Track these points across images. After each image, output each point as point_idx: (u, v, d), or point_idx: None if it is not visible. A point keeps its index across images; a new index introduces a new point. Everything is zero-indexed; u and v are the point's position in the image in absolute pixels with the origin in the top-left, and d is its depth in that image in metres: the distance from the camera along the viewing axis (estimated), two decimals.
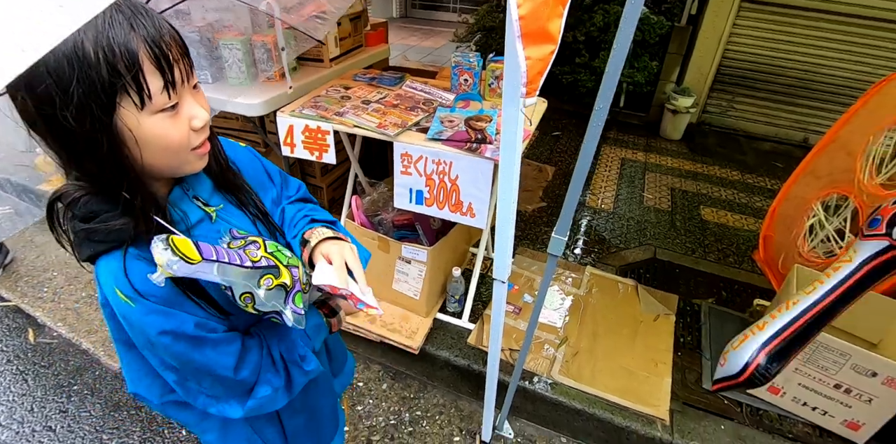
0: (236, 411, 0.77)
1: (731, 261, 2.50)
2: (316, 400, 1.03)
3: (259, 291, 0.68)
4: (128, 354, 0.81)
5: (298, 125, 1.70)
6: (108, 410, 1.84)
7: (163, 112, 0.61)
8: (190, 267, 0.61)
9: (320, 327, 0.86)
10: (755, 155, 3.59)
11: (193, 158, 0.68)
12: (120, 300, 0.65)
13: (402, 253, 1.83)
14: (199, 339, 0.69)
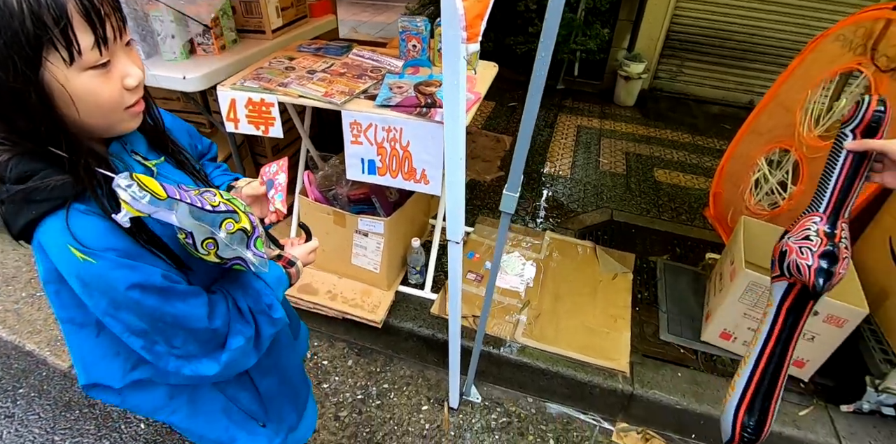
0: (212, 367, 0.76)
1: (683, 219, 2.58)
2: (284, 359, 1.03)
3: (221, 234, 0.68)
4: (79, 335, 0.78)
5: (241, 99, 1.63)
6: (58, 411, 1.76)
7: (94, 69, 0.59)
8: (157, 203, 0.60)
9: (281, 278, 0.86)
10: (704, 118, 3.69)
11: (127, 117, 0.67)
12: (77, 260, 0.62)
13: (359, 226, 1.81)
14: (169, 290, 0.68)
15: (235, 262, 0.72)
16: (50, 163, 0.61)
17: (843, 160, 0.82)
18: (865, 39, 1.92)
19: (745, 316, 1.73)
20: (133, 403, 0.87)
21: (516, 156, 1.07)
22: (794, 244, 0.85)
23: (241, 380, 0.95)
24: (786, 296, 0.89)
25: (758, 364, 0.93)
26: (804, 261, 0.82)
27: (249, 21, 2.00)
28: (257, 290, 0.81)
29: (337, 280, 2.01)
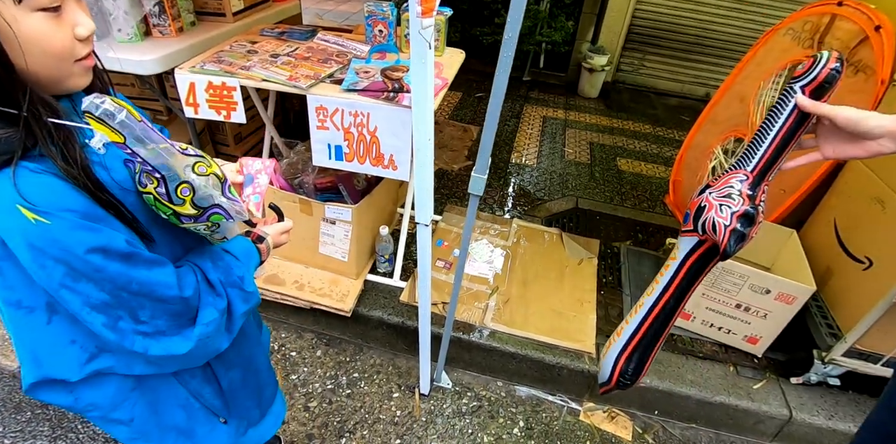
0: (184, 345, 0.71)
1: (645, 206, 2.66)
2: (248, 350, 0.99)
3: (195, 178, 0.65)
4: (27, 321, 0.70)
5: (200, 82, 1.57)
6: (7, 413, 1.66)
7: (44, 12, 0.56)
8: (133, 122, 0.57)
9: (250, 252, 0.82)
10: (664, 110, 3.80)
11: (78, 70, 0.63)
12: (27, 222, 0.56)
13: (326, 214, 1.78)
14: (133, 255, 0.63)
15: (213, 211, 0.68)
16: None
17: (786, 119, 0.77)
18: (813, 33, 2.02)
19: (703, 296, 1.80)
20: (89, 400, 0.80)
21: (484, 138, 1.08)
22: (714, 201, 0.81)
23: (205, 373, 0.90)
24: (692, 252, 0.87)
25: (648, 316, 0.92)
26: (722, 220, 0.79)
27: (208, 3, 1.94)
28: (227, 262, 0.77)
29: (304, 270, 1.98)
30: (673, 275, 0.89)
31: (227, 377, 0.93)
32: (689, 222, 0.85)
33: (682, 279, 0.88)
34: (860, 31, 1.76)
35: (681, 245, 0.88)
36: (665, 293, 0.90)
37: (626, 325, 0.96)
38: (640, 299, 0.97)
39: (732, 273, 1.71)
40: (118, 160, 0.67)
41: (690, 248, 0.86)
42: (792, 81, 0.77)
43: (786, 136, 0.78)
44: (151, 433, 0.87)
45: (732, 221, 0.78)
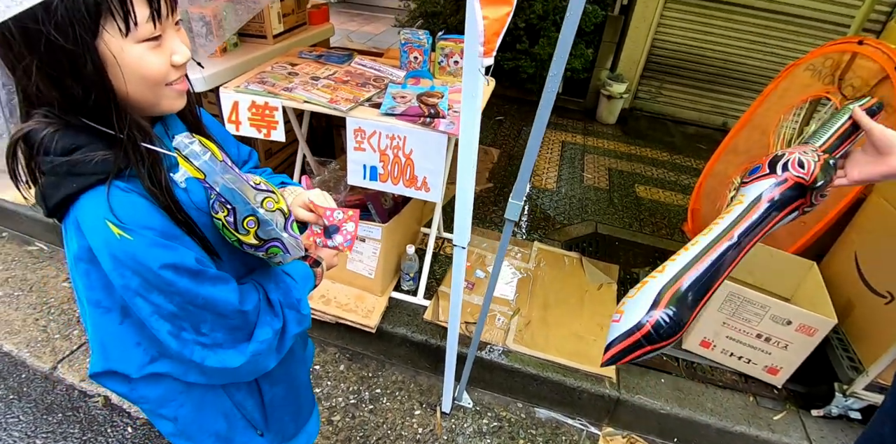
0: (237, 358, 0.75)
1: (663, 233, 2.69)
2: (294, 369, 1.03)
3: (262, 212, 0.69)
4: (103, 319, 0.75)
5: (244, 101, 1.65)
6: (39, 413, 1.71)
7: (147, 42, 0.61)
8: (214, 164, 0.63)
9: (308, 276, 0.87)
10: (682, 138, 3.85)
11: (171, 94, 0.68)
12: (113, 236, 0.62)
13: None
14: (201, 273, 0.68)
15: (273, 244, 0.73)
16: (95, 137, 0.63)
17: (845, 120, 0.86)
18: (833, 70, 2.08)
19: (724, 325, 1.81)
20: (142, 392, 0.84)
21: (524, 166, 1.13)
22: (794, 150, 0.82)
23: (249, 386, 0.94)
24: (763, 195, 0.81)
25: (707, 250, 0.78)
26: (810, 157, 0.79)
27: (251, 25, 2.03)
28: (287, 284, 0.82)
29: (331, 285, 2.02)
30: (742, 212, 0.80)
31: (271, 392, 0.96)
32: (758, 172, 0.83)
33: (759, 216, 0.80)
34: (880, 70, 1.81)
35: (748, 192, 0.83)
36: (733, 228, 0.79)
37: (672, 262, 0.80)
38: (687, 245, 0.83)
39: (754, 303, 1.72)
40: (198, 183, 0.73)
41: (762, 190, 0.81)
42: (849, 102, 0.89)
43: (845, 132, 0.85)
44: (193, 433, 0.91)
45: (820, 158, 0.79)
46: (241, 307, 0.73)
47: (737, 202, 0.82)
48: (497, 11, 0.79)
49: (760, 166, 0.83)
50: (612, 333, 0.77)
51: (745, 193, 0.82)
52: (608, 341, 0.78)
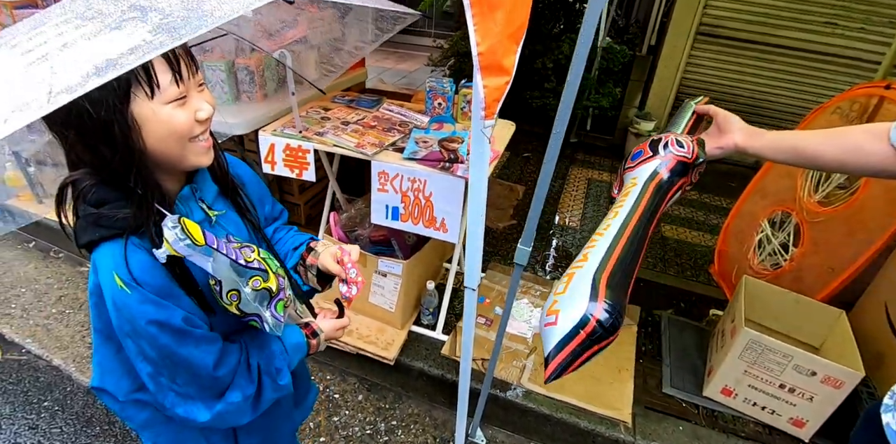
0: (203, 414, 0.79)
1: (688, 274, 2.65)
2: (275, 422, 1.05)
3: (246, 289, 0.75)
4: (104, 346, 0.84)
5: (279, 144, 1.78)
6: (80, 425, 1.83)
7: (173, 102, 0.69)
8: (193, 248, 0.68)
9: (300, 346, 0.91)
10: (712, 176, 3.82)
11: (197, 149, 0.75)
12: (116, 286, 0.70)
13: (379, 267, 1.91)
14: (184, 333, 0.74)
15: (252, 318, 0.78)
16: (124, 195, 0.71)
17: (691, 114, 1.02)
18: (861, 113, 2.07)
19: (745, 373, 1.77)
20: (129, 414, 0.91)
21: (531, 214, 1.18)
22: (669, 135, 0.91)
23: (226, 432, 0.98)
24: (655, 174, 0.86)
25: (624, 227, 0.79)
26: (683, 139, 0.89)
27: None
28: (273, 351, 0.86)
29: (353, 316, 2.09)
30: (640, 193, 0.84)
31: (247, 441, 1.00)
32: (641, 156, 0.90)
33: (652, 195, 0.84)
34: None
35: (639, 175, 0.88)
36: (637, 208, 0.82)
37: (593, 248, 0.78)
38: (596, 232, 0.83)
39: (775, 352, 1.68)
40: None
41: (653, 169, 0.87)
42: None
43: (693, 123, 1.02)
44: None
45: (692, 138, 0.91)
46: (214, 373, 0.78)
47: (631, 185, 0.87)
48: (497, 81, 0.87)
49: (642, 151, 0.90)
50: (550, 339, 0.69)
51: (637, 176, 0.89)
52: (548, 351, 0.70)
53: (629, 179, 0.90)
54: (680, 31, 3.62)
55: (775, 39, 3.51)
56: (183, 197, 0.79)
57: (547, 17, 3.68)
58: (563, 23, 3.77)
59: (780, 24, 3.46)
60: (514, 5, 0.81)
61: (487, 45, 0.83)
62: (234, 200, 0.90)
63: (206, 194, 0.84)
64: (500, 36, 0.84)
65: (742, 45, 3.61)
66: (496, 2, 0.79)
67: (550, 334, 0.68)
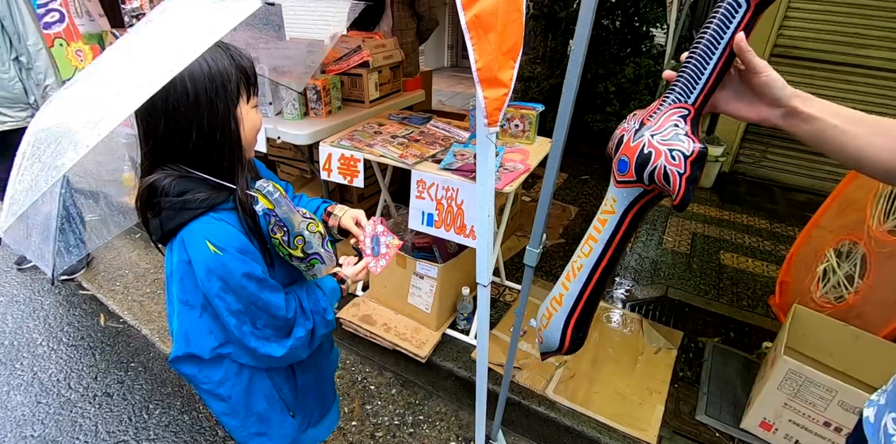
0: (279, 350, 0.99)
1: (744, 304, 2.52)
2: (322, 362, 1.26)
3: (307, 234, 0.95)
4: (188, 314, 1.01)
5: (336, 154, 2.01)
6: (156, 385, 2.16)
7: (254, 108, 0.95)
8: (280, 200, 0.90)
9: (335, 290, 1.11)
10: (788, 205, 3.60)
11: (255, 142, 0.99)
12: (209, 252, 0.87)
13: (417, 269, 2.05)
14: (263, 281, 0.93)
15: (314, 257, 0.97)
16: (198, 184, 0.89)
17: (727, 42, 0.67)
18: None
19: (785, 406, 1.67)
20: (207, 373, 1.08)
21: (537, 216, 1.26)
22: (660, 146, 0.70)
23: (287, 372, 1.17)
24: (633, 204, 0.78)
25: (591, 279, 0.85)
26: (675, 168, 0.68)
27: (353, 92, 2.46)
28: (317, 296, 1.06)
29: (393, 315, 2.24)
30: (614, 230, 0.82)
31: (303, 378, 1.20)
32: (628, 171, 0.75)
33: (625, 232, 0.82)
34: None
35: (618, 197, 0.80)
36: (607, 252, 0.84)
37: (566, 291, 0.90)
38: (574, 259, 0.89)
39: (818, 385, 1.59)
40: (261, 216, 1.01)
41: (632, 200, 0.78)
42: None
43: (725, 63, 0.68)
44: (240, 413, 1.14)
45: (687, 167, 0.68)
46: (286, 314, 0.98)
47: (608, 210, 0.83)
48: (496, 92, 0.99)
49: (628, 165, 0.75)
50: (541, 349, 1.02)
51: (617, 199, 0.81)
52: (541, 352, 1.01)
53: (610, 195, 0.83)
54: None
55: (860, 60, 3.31)
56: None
57: (611, 41, 3.74)
58: (630, 47, 3.80)
59: (866, 43, 3.26)
60: (504, 27, 0.94)
61: (484, 61, 0.96)
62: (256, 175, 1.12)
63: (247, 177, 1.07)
64: (496, 53, 0.97)
65: (822, 67, 3.42)
66: (489, 26, 0.92)
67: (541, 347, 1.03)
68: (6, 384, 2.16)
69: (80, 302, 2.70)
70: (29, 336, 2.44)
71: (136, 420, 2.00)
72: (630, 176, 0.74)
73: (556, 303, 0.92)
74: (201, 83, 0.83)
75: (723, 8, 0.66)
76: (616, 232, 0.83)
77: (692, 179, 0.68)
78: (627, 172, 0.74)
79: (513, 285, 2.54)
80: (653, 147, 0.71)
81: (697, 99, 0.70)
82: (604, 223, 0.84)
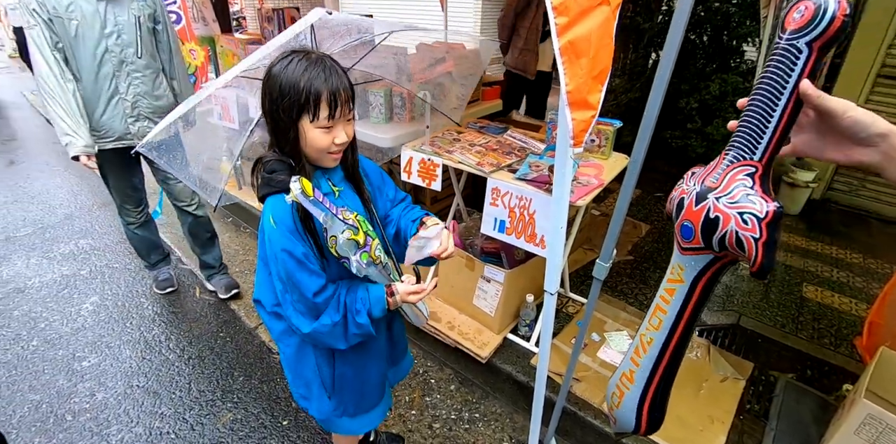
0: (305, 326, 1.08)
1: (826, 342, 2.37)
2: (367, 363, 1.31)
3: (340, 237, 0.99)
4: (262, 270, 1.19)
5: (416, 158, 2.13)
6: (240, 355, 2.40)
7: (321, 129, 1.02)
8: (304, 197, 0.94)
9: (380, 298, 1.12)
10: (887, 239, 3.32)
11: (328, 158, 1.09)
12: (269, 223, 1.05)
13: (484, 272, 2.12)
14: (300, 262, 1.04)
15: (344, 260, 1.02)
16: (285, 167, 1.04)
17: (791, 92, 0.60)
18: None
19: None
20: (271, 324, 1.24)
21: (610, 231, 1.30)
22: (728, 210, 0.64)
23: (327, 356, 1.24)
24: (704, 271, 0.72)
25: (664, 353, 0.79)
26: (749, 233, 0.62)
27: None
28: (357, 296, 1.10)
29: (457, 314, 2.33)
30: (684, 301, 0.75)
31: (341, 369, 1.27)
32: (693, 238, 0.69)
33: (696, 305, 0.75)
34: None
35: (685, 265, 0.74)
36: (679, 324, 0.77)
37: (638, 368, 0.84)
38: (642, 332, 0.84)
39: None
40: None
41: (702, 267, 0.72)
42: (792, 35, 0.59)
43: (791, 114, 0.61)
44: (292, 369, 1.29)
45: (763, 231, 0.61)
46: (314, 299, 1.06)
47: (675, 279, 0.76)
48: (583, 114, 1.05)
49: (693, 231, 0.69)
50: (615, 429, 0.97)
51: (684, 267, 0.75)
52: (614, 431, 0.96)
53: (675, 262, 0.77)
54: (856, 74, 3.28)
55: None
56: (317, 175, 1.12)
57: (697, 55, 3.62)
58: (717, 62, 3.67)
59: None
60: (597, 53, 0.99)
61: (574, 85, 1.03)
62: (355, 183, 1.20)
63: (334, 177, 1.16)
64: (586, 77, 1.03)
65: None
66: (581, 51, 0.98)
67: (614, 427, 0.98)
68: (119, 338, 2.48)
69: (182, 274, 3.04)
70: (137, 300, 2.79)
71: (222, 384, 2.24)
72: (697, 243, 0.69)
73: (627, 380, 0.86)
74: (275, 92, 0.99)
75: (779, 54, 0.60)
76: (687, 303, 0.76)
77: (770, 244, 0.61)
78: (693, 238, 0.69)
79: (576, 298, 2.55)
80: (719, 211, 0.65)
81: (764, 154, 0.63)
82: (671, 293, 0.77)
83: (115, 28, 2.00)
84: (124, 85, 2.09)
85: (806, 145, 0.65)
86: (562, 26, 0.94)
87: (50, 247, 3.29)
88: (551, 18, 0.93)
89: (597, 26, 0.95)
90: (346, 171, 1.18)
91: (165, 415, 2.06)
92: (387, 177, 1.34)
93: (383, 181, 1.31)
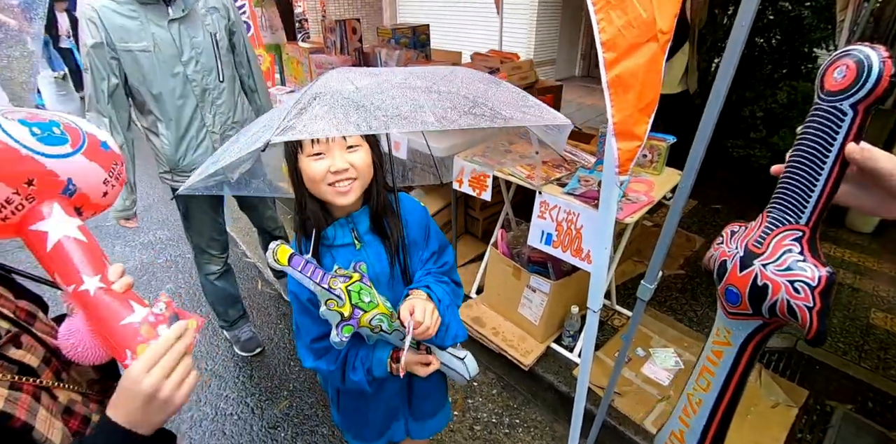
0: (306, 362, 1.10)
1: (892, 373, 2.24)
2: (369, 404, 1.27)
3: (322, 308, 0.94)
4: None
5: (468, 168, 2.19)
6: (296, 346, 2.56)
7: (311, 157, 0.95)
8: (276, 265, 0.94)
9: (381, 361, 1.08)
10: None
11: (331, 193, 0.97)
12: None
13: (530, 282, 2.16)
14: (305, 307, 1.05)
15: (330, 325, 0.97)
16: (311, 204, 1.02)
17: (837, 155, 0.58)
18: None
19: None
20: None
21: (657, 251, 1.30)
22: (778, 278, 0.63)
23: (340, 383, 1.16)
24: (753, 335, 0.71)
25: (714, 415, 0.78)
26: (801, 302, 0.61)
27: None
28: (359, 353, 1.08)
29: (502, 321, 2.40)
30: (733, 364, 0.75)
31: (343, 399, 1.30)
32: (740, 303, 0.68)
33: (745, 367, 0.75)
34: None
35: (733, 329, 0.73)
36: (728, 386, 0.77)
37: (687, 428, 0.83)
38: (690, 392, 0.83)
39: None
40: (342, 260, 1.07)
41: (750, 332, 0.71)
42: (834, 97, 0.57)
43: (838, 177, 0.60)
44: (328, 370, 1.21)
45: (816, 300, 0.60)
46: (311, 344, 1.07)
47: (722, 342, 0.75)
48: (629, 145, 1.08)
49: (740, 297, 0.68)
50: None
51: (731, 330, 0.73)
52: None
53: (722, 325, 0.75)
54: None
55: None
56: (339, 223, 1.05)
57: (763, 61, 3.45)
58: (787, 68, 3.48)
59: None
60: (643, 86, 1.02)
61: (621, 116, 1.06)
62: (384, 235, 1.09)
63: (360, 225, 1.07)
64: (633, 110, 1.06)
65: None
66: (629, 85, 1.02)
67: None
68: None
69: (245, 267, 3.28)
70: None
71: (280, 372, 2.42)
72: (744, 308, 0.68)
73: (678, 440, 0.85)
74: None
75: (821, 116, 0.58)
76: (736, 366, 0.75)
77: (824, 312, 0.60)
78: (740, 304, 0.68)
79: (622, 310, 2.54)
80: (768, 279, 0.64)
81: (811, 218, 0.61)
82: (719, 355, 0.76)
83: (193, 53, 1.75)
84: (209, 116, 1.87)
85: (849, 197, 0.63)
86: (610, 61, 0.98)
87: (132, 236, 3.63)
88: (599, 53, 0.97)
89: (644, 62, 0.98)
90: (371, 218, 1.07)
91: (230, 398, 2.26)
92: (433, 231, 1.20)
93: (425, 237, 1.18)
